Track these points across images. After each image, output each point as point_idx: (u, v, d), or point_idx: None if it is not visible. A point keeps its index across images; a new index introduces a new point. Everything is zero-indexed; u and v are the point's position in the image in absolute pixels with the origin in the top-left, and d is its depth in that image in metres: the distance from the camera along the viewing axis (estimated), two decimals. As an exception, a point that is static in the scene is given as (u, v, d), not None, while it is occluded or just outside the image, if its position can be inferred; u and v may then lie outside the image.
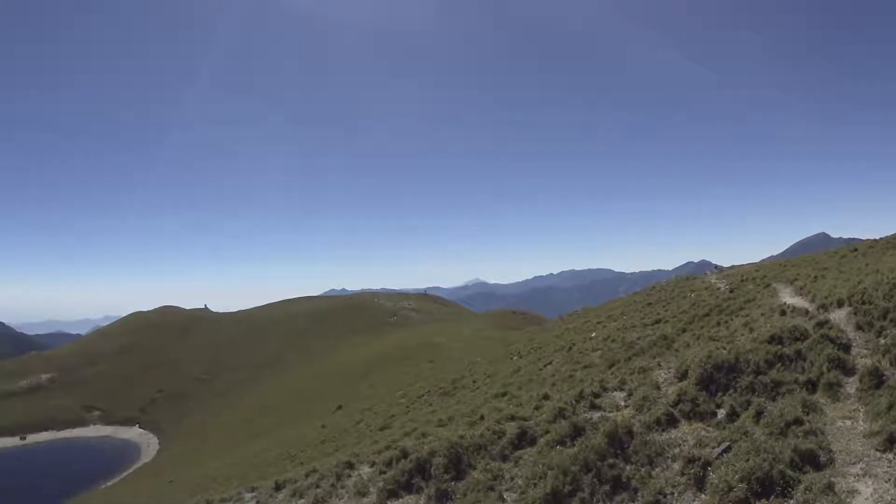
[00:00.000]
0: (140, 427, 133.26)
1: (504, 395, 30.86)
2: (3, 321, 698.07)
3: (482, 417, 21.73)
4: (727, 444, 11.99)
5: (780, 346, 16.06)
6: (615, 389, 18.03)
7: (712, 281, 55.58)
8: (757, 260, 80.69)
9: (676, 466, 11.83)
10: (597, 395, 17.58)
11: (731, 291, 43.02)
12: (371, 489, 17.07)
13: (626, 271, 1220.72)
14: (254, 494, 23.31)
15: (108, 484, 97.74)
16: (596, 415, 15.73)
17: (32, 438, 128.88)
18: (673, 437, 13.02)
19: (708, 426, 13.24)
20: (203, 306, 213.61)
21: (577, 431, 14.21)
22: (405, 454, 17.49)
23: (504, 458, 15.05)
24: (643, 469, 11.98)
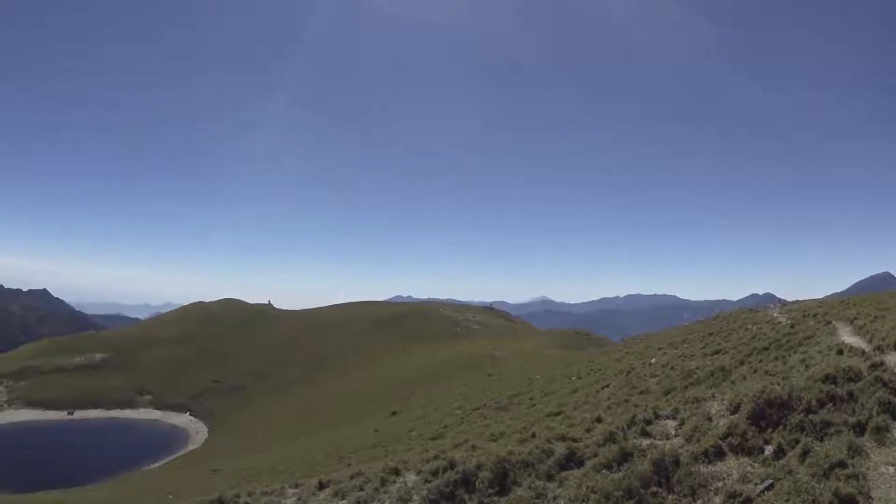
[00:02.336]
0: (190, 414, 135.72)
1: (558, 414, 31.04)
2: (63, 299, 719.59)
3: (533, 435, 21.99)
4: (770, 481, 12.02)
5: (833, 386, 15.90)
6: (668, 417, 18.17)
7: (775, 314, 55.30)
8: (821, 296, 79.59)
9: (718, 500, 11.92)
10: (649, 422, 17.69)
11: (791, 326, 42.81)
12: (414, 496, 17.31)
13: (692, 299, 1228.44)
14: (296, 491, 23.77)
15: (153, 466, 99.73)
16: (645, 441, 15.83)
17: (80, 415, 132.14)
18: (718, 469, 13.09)
19: (754, 462, 13.26)
20: (267, 302, 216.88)
21: (625, 457, 14.35)
22: (452, 465, 17.65)
23: (550, 478, 15.20)
24: (685, 500, 12.12)
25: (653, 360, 43.09)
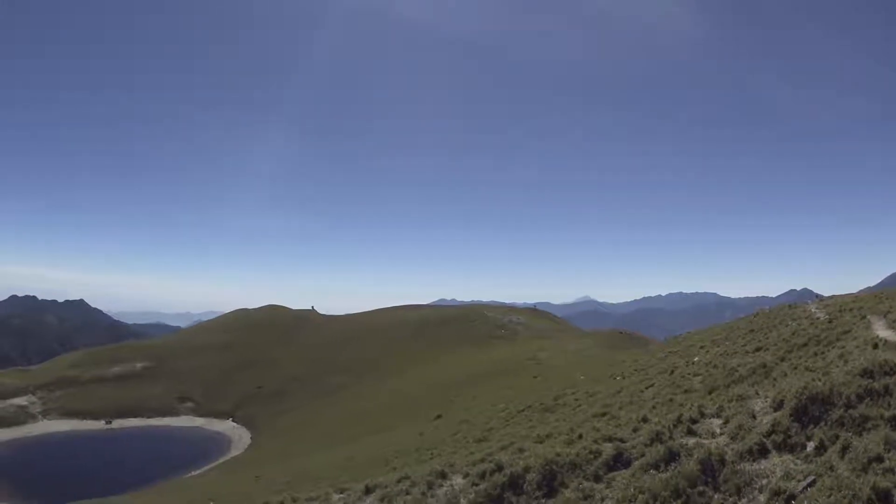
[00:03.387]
0: (233, 421, 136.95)
1: (604, 414, 31.23)
2: (102, 309, 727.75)
3: (580, 436, 21.97)
4: (812, 478, 12.25)
5: (870, 381, 16.07)
6: (713, 416, 18.34)
7: (812, 310, 55.18)
8: (854, 290, 79.25)
9: (762, 498, 12.11)
10: (694, 421, 17.88)
11: (829, 322, 43.10)
12: (461, 500, 17.47)
13: (733, 296, 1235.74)
14: (342, 496, 23.94)
15: (194, 473, 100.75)
16: (691, 440, 16.04)
17: (119, 423, 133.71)
18: (762, 467, 13.30)
19: (796, 459, 13.50)
20: (310, 307, 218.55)
21: (672, 456, 14.59)
22: (499, 468, 17.82)
23: (597, 479, 15.40)
24: (731, 499, 12.36)
25: (696, 359, 43.18)
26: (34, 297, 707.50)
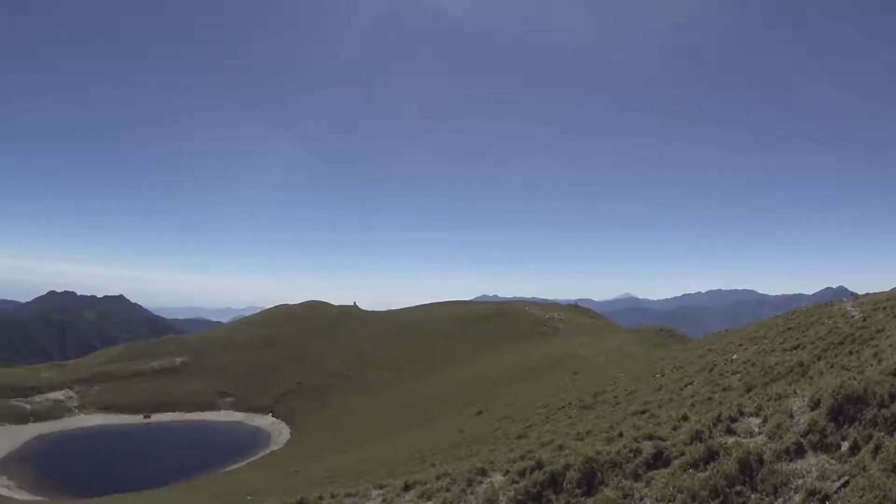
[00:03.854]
0: (273, 416, 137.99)
1: (644, 412, 31.28)
2: (142, 305, 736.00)
3: (620, 434, 22.05)
4: (846, 478, 12.25)
5: None
6: (751, 415, 18.26)
7: (848, 308, 54.84)
8: (888, 287, 78.62)
9: (797, 498, 12.13)
10: (734, 420, 17.83)
11: (864, 320, 42.90)
12: (501, 497, 17.46)
13: (770, 293, 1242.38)
14: (381, 492, 23.74)
15: (232, 468, 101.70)
16: (731, 439, 15.97)
17: (157, 418, 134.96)
18: (799, 467, 13.29)
19: (832, 458, 13.47)
20: (353, 303, 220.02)
21: (712, 455, 14.59)
22: (540, 465, 17.76)
23: (637, 478, 15.46)
24: (767, 499, 12.36)
25: (734, 357, 43.12)
26: (73, 293, 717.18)
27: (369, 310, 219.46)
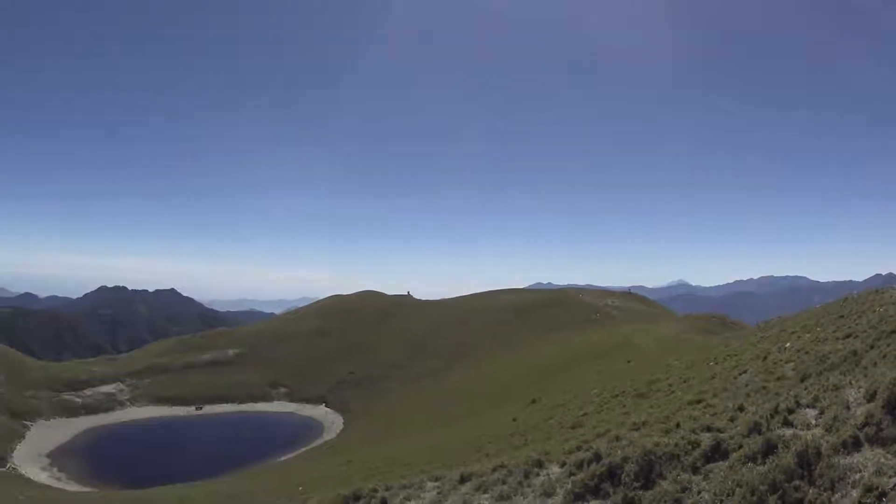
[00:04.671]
0: (326, 406, 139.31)
1: (699, 402, 31.05)
2: (194, 298, 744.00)
3: (677, 425, 21.62)
4: None
5: None
6: (808, 406, 18.03)
7: None
8: None
9: (855, 494, 11.96)
10: (791, 411, 17.54)
11: None
12: (558, 490, 17.30)
13: (821, 280, 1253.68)
14: (436, 484, 23.42)
15: (284, 458, 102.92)
16: (788, 432, 15.73)
17: (209, 409, 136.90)
18: (855, 461, 13.09)
19: (888, 453, 13.23)
20: (406, 293, 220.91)
21: (770, 448, 14.41)
22: (597, 457, 17.56)
23: (695, 470, 15.33)
24: (825, 494, 12.21)
25: (787, 345, 42.64)
26: (124, 287, 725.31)
27: (423, 299, 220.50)
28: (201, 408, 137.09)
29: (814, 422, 16.70)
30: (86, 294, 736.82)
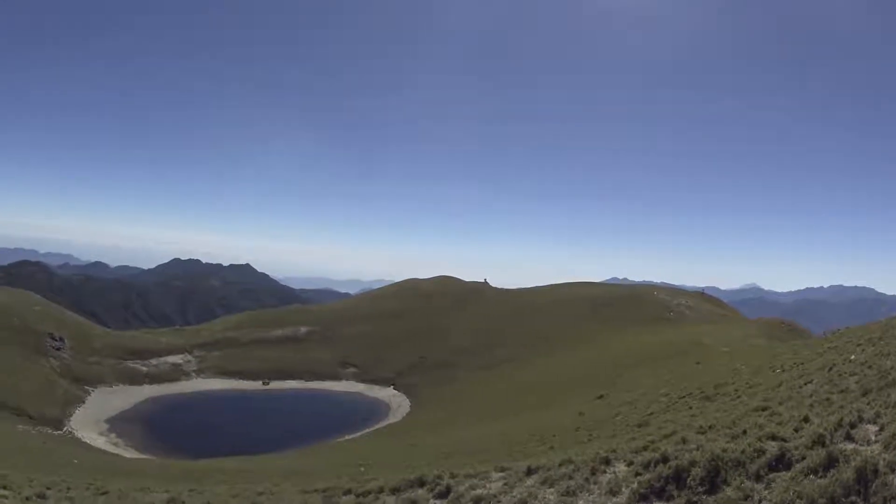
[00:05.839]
0: (394, 388, 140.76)
1: (765, 409, 30.98)
2: (268, 274, 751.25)
3: (744, 432, 21.46)
4: None
5: None
6: (870, 421, 17.97)
7: None
8: None
9: None
10: (853, 426, 17.53)
11: None
12: (623, 489, 17.45)
13: (888, 293, 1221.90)
14: (502, 475, 23.36)
15: (348, 437, 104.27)
16: (850, 446, 15.74)
17: (277, 385, 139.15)
18: None
19: None
20: (483, 280, 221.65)
21: (832, 462, 14.42)
22: (665, 459, 17.70)
23: (758, 479, 15.34)
24: None
25: (852, 357, 42.26)
26: (198, 261, 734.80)
27: (500, 287, 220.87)
28: (268, 383, 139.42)
29: (873, 437, 16.75)
30: (158, 266, 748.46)
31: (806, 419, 21.00)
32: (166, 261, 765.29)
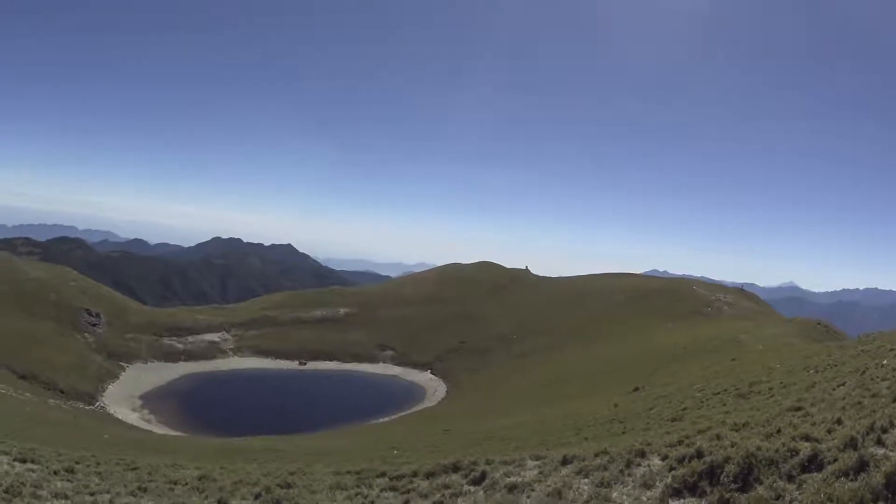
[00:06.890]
0: (431, 373, 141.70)
1: (798, 409, 31.04)
2: (309, 255, 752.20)
3: (778, 431, 21.59)
4: None
5: None
6: None
7: None
8: None
9: None
10: (885, 431, 17.42)
11: None
12: (657, 483, 17.61)
13: None
14: (538, 463, 23.39)
15: (383, 419, 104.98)
16: (880, 451, 15.77)
17: (314, 366, 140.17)
18: None
19: None
20: (524, 268, 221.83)
21: (863, 465, 14.50)
22: (699, 454, 17.81)
23: (790, 479, 15.40)
24: None
25: (884, 362, 42.20)
26: (239, 239, 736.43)
27: (541, 275, 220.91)
28: (305, 363, 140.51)
29: (903, 443, 16.65)
30: (199, 244, 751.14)
31: (839, 421, 20.95)
32: (207, 239, 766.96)
